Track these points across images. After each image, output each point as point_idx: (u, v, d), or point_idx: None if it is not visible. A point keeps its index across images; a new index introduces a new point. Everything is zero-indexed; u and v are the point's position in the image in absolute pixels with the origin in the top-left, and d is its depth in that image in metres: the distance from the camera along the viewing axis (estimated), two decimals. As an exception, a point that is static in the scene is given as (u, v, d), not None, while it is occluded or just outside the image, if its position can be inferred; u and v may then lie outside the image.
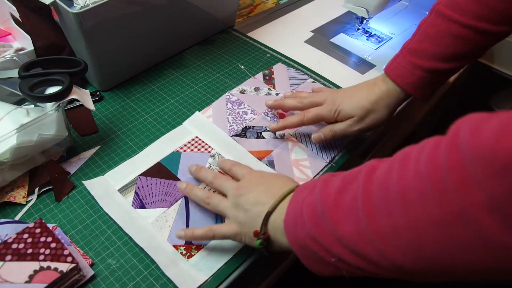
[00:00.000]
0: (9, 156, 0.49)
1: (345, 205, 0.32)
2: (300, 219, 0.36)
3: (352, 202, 0.32)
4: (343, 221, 0.32)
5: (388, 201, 0.29)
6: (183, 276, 0.45)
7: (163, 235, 0.49)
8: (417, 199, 0.27)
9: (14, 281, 0.40)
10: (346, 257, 0.32)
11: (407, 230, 0.28)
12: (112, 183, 0.55)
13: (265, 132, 0.62)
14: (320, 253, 0.34)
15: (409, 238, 0.28)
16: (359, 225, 0.31)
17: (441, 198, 0.25)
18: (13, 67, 0.58)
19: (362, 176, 0.32)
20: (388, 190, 0.29)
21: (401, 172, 0.29)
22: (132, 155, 0.59)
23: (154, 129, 0.63)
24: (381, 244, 0.29)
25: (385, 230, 0.29)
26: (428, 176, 0.26)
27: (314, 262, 0.36)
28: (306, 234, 0.35)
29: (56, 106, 0.52)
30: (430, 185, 0.26)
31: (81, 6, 0.57)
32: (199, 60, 0.77)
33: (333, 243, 0.33)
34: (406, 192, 0.28)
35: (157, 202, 0.53)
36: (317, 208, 0.35)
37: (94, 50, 0.62)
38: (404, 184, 0.28)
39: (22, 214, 0.51)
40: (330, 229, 0.33)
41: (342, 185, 0.34)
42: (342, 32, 0.87)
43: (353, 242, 0.31)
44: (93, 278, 0.45)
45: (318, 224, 0.34)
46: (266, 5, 0.94)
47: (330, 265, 0.34)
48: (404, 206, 0.28)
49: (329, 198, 0.34)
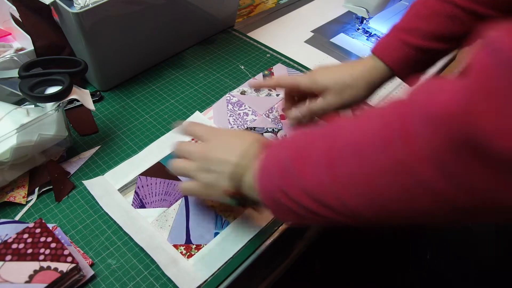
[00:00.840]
0: (9, 156, 0.49)
1: (309, 157, 0.34)
2: (269, 173, 0.37)
3: (316, 154, 0.33)
4: (307, 172, 0.33)
5: (346, 151, 0.31)
6: (183, 275, 0.45)
7: (163, 235, 0.49)
8: (369, 148, 0.29)
9: (14, 281, 0.40)
10: (311, 206, 0.34)
11: (361, 178, 0.30)
12: (112, 183, 0.55)
13: (266, 133, 0.62)
14: (289, 205, 0.35)
15: (363, 185, 0.30)
16: (320, 175, 0.32)
17: (389, 147, 0.28)
18: (13, 67, 0.58)
19: (327, 129, 0.35)
20: (348, 141, 0.31)
21: (362, 124, 0.31)
22: (132, 155, 0.59)
23: (154, 129, 0.63)
24: (339, 192, 0.31)
25: (343, 179, 0.31)
26: (382, 128, 0.29)
27: (284, 214, 0.37)
28: (276, 187, 0.36)
29: (56, 106, 0.52)
30: (382, 135, 0.29)
31: (81, 6, 0.57)
32: (199, 60, 0.77)
33: (299, 194, 0.34)
34: (362, 142, 0.30)
35: (157, 201, 0.53)
36: (285, 161, 0.36)
37: (94, 50, 0.62)
38: (361, 135, 0.31)
39: (22, 214, 0.51)
40: (297, 181, 0.34)
41: (307, 138, 0.36)
42: (342, 32, 0.87)
43: (315, 192, 0.33)
44: (93, 278, 0.45)
45: (286, 177, 0.35)
46: (266, 5, 0.94)
47: (299, 216, 0.36)
48: (359, 155, 0.30)
49: (295, 151, 0.35)
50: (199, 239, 0.49)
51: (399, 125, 0.28)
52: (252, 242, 0.49)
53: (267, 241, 0.50)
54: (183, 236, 0.49)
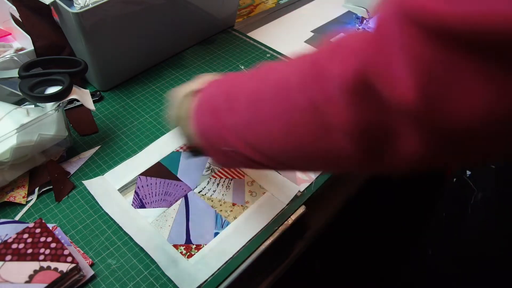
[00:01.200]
0: (9, 156, 0.49)
1: (236, 98, 0.35)
2: (203, 109, 0.38)
3: (243, 94, 0.34)
4: (234, 110, 0.34)
5: (268, 93, 0.32)
6: (183, 276, 0.45)
7: (163, 235, 0.49)
8: (286, 89, 0.30)
9: (14, 281, 0.40)
10: (238, 147, 0.35)
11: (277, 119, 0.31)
12: (112, 183, 0.55)
13: None
14: (218, 143, 0.36)
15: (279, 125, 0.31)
16: (243, 114, 0.33)
17: (303, 88, 0.29)
18: (13, 67, 0.58)
19: (257, 72, 0.35)
20: (272, 83, 0.32)
21: (285, 68, 0.32)
22: (132, 155, 0.59)
23: (154, 129, 0.63)
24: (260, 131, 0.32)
25: (263, 118, 0.32)
26: (298, 71, 0.30)
27: (215, 153, 0.38)
28: (207, 125, 0.37)
29: (56, 106, 0.52)
30: (298, 77, 0.29)
31: (81, 6, 0.57)
32: (199, 60, 0.77)
33: (226, 132, 0.35)
34: (280, 84, 0.31)
35: (157, 201, 0.53)
36: (216, 98, 0.37)
37: (94, 50, 0.62)
38: (281, 77, 0.31)
39: (22, 214, 0.51)
40: (225, 118, 0.35)
41: (240, 79, 0.37)
42: (342, 32, 0.87)
43: (240, 131, 0.34)
44: (93, 278, 0.45)
45: (216, 113, 0.36)
46: (266, 5, 0.94)
47: (227, 157, 0.37)
48: (277, 96, 0.31)
49: (226, 90, 0.37)
50: (199, 239, 0.49)
51: (311, 67, 0.29)
52: (252, 242, 0.49)
53: (267, 241, 0.50)
54: (183, 236, 0.49)
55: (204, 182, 0.55)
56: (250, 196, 0.54)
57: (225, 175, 0.56)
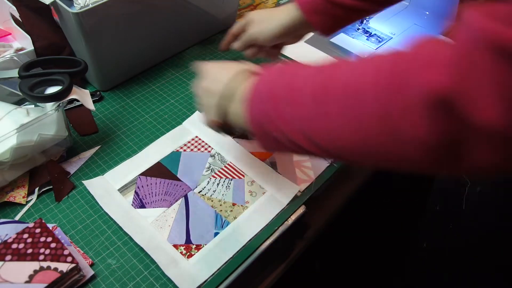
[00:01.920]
0: (9, 156, 0.49)
1: (301, 89, 0.35)
2: (260, 96, 0.38)
3: (308, 88, 0.34)
4: (297, 103, 0.35)
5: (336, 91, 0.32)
6: (183, 276, 0.45)
7: (163, 235, 0.49)
8: (359, 92, 0.30)
9: (14, 281, 0.40)
10: (298, 139, 0.35)
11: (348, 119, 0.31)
12: (112, 183, 0.55)
13: None
14: (274, 131, 0.37)
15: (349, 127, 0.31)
16: (309, 108, 0.33)
17: (378, 95, 0.29)
18: (13, 67, 0.58)
19: (322, 68, 0.35)
20: (340, 82, 0.32)
21: (354, 68, 0.32)
22: (132, 155, 0.59)
23: (154, 129, 0.63)
24: (327, 128, 0.33)
25: (331, 117, 0.32)
26: (372, 75, 0.30)
27: (268, 140, 0.39)
28: (264, 112, 0.37)
29: (56, 106, 0.52)
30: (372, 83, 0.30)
31: (81, 6, 0.57)
32: (199, 60, 0.77)
33: (287, 123, 0.35)
34: (352, 85, 0.31)
35: (157, 201, 0.53)
36: (278, 88, 0.37)
37: (94, 50, 0.62)
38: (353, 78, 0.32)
39: (22, 214, 0.51)
40: (286, 110, 0.35)
41: (303, 72, 0.36)
42: (342, 32, 0.87)
43: (304, 125, 0.34)
44: (93, 278, 0.45)
45: (276, 103, 0.36)
46: (266, 5, 0.94)
47: (280, 144, 0.37)
48: (349, 97, 0.31)
49: (289, 80, 0.36)
50: (199, 239, 0.49)
51: (391, 76, 0.28)
52: (252, 242, 0.49)
53: (267, 241, 0.50)
54: (183, 236, 0.49)
55: (204, 182, 0.55)
56: (250, 196, 0.54)
57: (225, 175, 0.56)
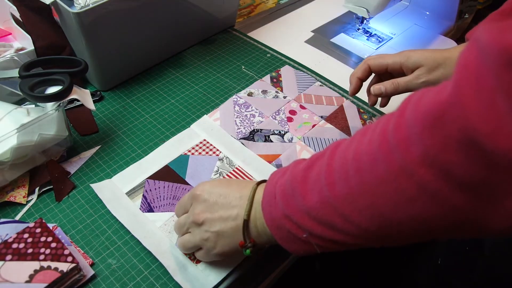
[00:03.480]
0: (10, 156, 0.49)
1: (311, 179, 0.34)
2: (274, 200, 0.37)
3: (317, 175, 0.34)
4: (309, 193, 0.34)
5: (345, 168, 0.31)
6: (192, 281, 0.45)
7: (172, 239, 0.48)
8: (367, 161, 0.30)
9: (14, 281, 0.40)
10: (315, 230, 0.34)
11: (362, 191, 0.30)
12: (119, 186, 0.54)
13: (273, 135, 0.62)
14: (293, 231, 0.35)
15: (364, 198, 0.30)
16: (322, 194, 0.32)
17: (386, 157, 0.28)
18: (13, 67, 0.58)
19: (328, 151, 0.35)
20: (347, 158, 0.32)
21: (359, 142, 0.32)
22: (132, 155, 0.59)
23: (154, 129, 0.63)
24: (342, 209, 0.31)
25: (344, 194, 0.31)
26: (378, 141, 0.29)
27: (289, 241, 0.37)
28: (280, 214, 0.36)
29: (57, 106, 0.52)
30: (378, 148, 0.29)
31: (81, 5, 0.57)
32: (199, 60, 0.77)
33: (302, 217, 0.34)
34: (360, 157, 0.30)
35: (165, 205, 0.52)
36: (288, 186, 0.36)
37: (94, 49, 0.62)
38: (359, 151, 0.31)
39: (22, 214, 0.51)
40: (299, 204, 0.34)
41: (310, 162, 0.36)
42: (342, 32, 0.87)
43: (319, 212, 0.33)
44: (93, 278, 0.45)
45: (289, 201, 0.35)
46: (267, 5, 0.94)
47: (303, 242, 0.36)
48: (358, 169, 0.30)
49: (298, 175, 0.36)
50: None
51: (393, 134, 0.28)
52: (252, 242, 0.49)
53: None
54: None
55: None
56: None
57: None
